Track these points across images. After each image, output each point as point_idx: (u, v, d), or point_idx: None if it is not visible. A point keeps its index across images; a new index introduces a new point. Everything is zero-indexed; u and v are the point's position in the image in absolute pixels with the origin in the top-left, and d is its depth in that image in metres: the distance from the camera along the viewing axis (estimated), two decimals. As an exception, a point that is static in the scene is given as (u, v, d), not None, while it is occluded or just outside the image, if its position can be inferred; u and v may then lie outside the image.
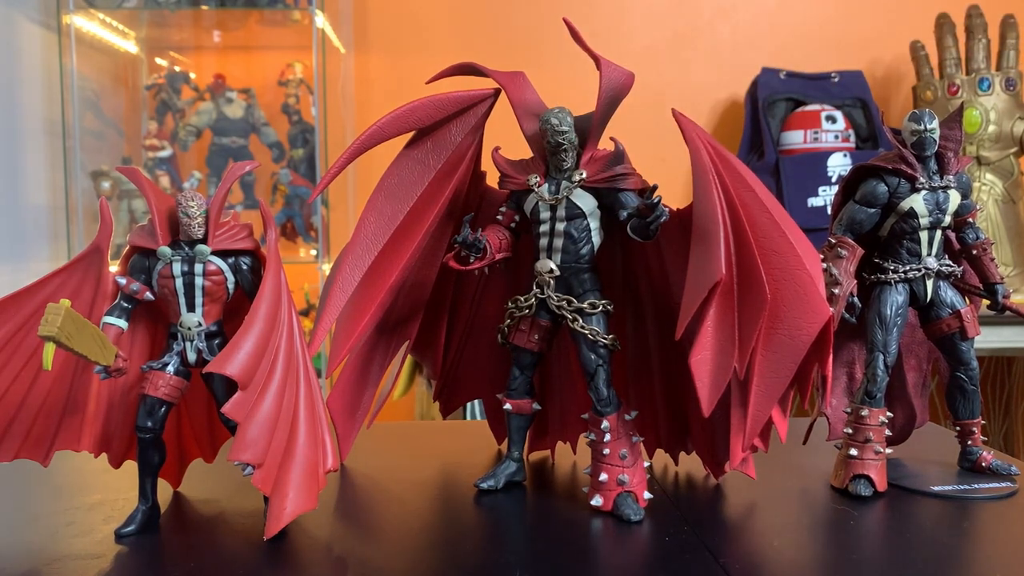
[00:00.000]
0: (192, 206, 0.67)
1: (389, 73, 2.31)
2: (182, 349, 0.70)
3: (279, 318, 0.67)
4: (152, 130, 2.19)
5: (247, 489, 0.76)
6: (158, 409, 0.70)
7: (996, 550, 0.67)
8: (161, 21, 2.26)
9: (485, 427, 0.95)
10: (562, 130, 0.72)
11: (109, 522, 0.71)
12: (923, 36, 2.04)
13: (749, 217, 0.67)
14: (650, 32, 2.24)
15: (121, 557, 0.64)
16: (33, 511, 0.75)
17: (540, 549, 0.66)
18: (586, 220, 0.75)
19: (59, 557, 0.64)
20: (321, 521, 0.72)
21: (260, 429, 0.63)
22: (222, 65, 2.28)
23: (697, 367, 0.66)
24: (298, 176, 2.19)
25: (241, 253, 0.71)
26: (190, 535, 0.69)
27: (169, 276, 0.69)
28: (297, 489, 0.66)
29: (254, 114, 2.21)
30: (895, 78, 2.23)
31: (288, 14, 2.15)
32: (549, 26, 2.18)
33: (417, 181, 0.78)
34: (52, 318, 0.59)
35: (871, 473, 0.77)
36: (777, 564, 0.64)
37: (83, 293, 0.70)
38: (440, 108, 0.77)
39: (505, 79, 0.77)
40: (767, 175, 1.98)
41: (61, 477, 0.83)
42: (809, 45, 2.21)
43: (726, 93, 2.25)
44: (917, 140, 0.77)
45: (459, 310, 0.89)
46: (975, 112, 1.91)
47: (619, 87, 0.72)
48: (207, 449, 0.82)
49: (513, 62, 0.82)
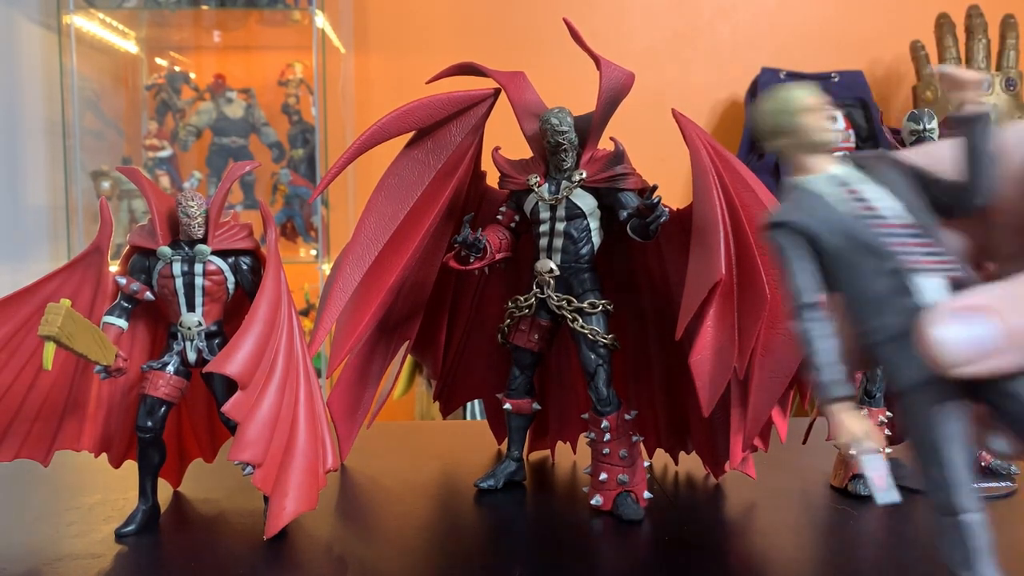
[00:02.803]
0: (192, 206, 0.67)
1: (389, 73, 2.31)
2: (182, 349, 0.70)
3: (279, 318, 0.67)
4: (152, 130, 2.19)
5: (247, 489, 0.76)
6: (158, 409, 0.70)
7: (996, 550, 0.67)
8: (161, 21, 2.27)
9: (485, 427, 0.95)
10: (562, 130, 0.72)
11: (109, 522, 0.71)
12: (923, 36, 2.04)
13: (749, 217, 0.67)
14: (650, 32, 2.24)
15: (121, 557, 0.64)
16: (33, 511, 0.75)
17: (540, 549, 0.66)
18: (586, 220, 0.75)
19: (59, 557, 0.64)
20: (321, 521, 0.72)
21: (260, 429, 0.63)
22: (222, 65, 2.28)
23: (697, 367, 0.66)
24: (298, 176, 2.19)
25: (241, 253, 0.71)
26: (190, 535, 0.69)
27: (169, 276, 0.69)
28: (297, 489, 0.66)
29: (254, 114, 2.22)
30: (895, 78, 2.23)
31: (288, 14, 2.16)
32: (549, 26, 2.18)
33: (417, 181, 0.78)
34: (52, 318, 0.59)
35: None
36: (777, 564, 0.64)
37: (83, 293, 0.70)
38: (440, 108, 0.77)
39: (505, 79, 0.77)
40: (767, 175, 1.98)
41: (61, 477, 0.83)
42: (809, 45, 2.21)
43: (726, 93, 2.25)
44: (916, 140, 0.77)
45: (459, 310, 0.89)
46: (975, 112, 1.91)
47: (619, 87, 0.72)
48: (207, 449, 0.82)
49: (513, 62, 0.82)
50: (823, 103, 0.36)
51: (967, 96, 0.34)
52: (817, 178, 0.36)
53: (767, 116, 0.37)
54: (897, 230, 0.35)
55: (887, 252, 0.34)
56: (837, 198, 0.36)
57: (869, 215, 0.35)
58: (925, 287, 0.34)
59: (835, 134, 0.37)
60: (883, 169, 0.37)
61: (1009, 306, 0.31)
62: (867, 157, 0.37)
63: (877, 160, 0.37)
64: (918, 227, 0.35)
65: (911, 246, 0.34)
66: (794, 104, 0.36)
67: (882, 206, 0.35)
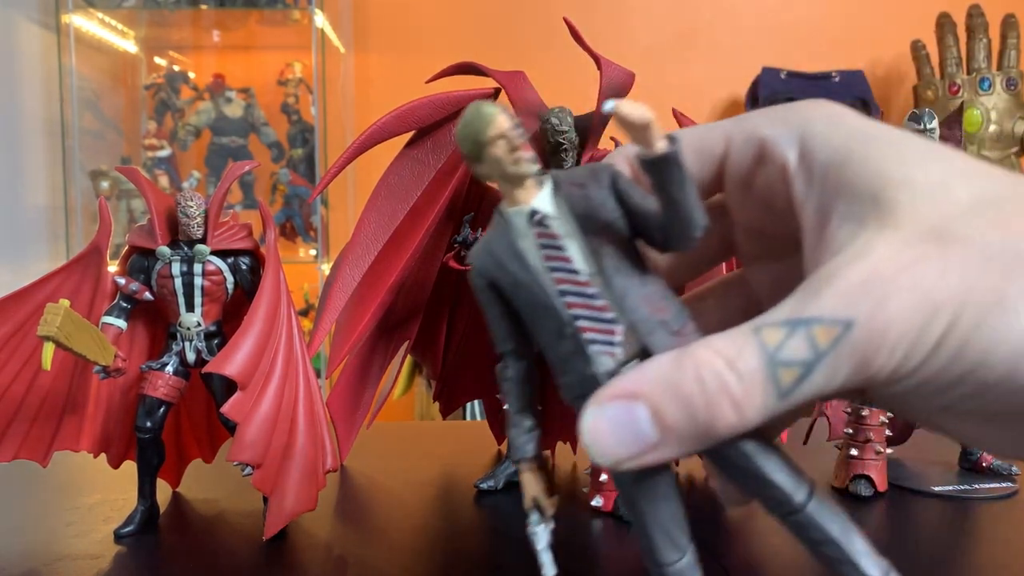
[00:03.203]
0: (191, 206, 0.67)
1: (389, 73, 2.31)
2: (181, 349, 0.70)
3: (278, 318, 0.67)
4: (151, 130, 2.19)
5: (246, 489, 0.76)
6: (157, 409, 0.69)
7: (996, 550, 0.67)
8: (160, 21, 2.26)
9: (485, 427, 0.95)
10: (562, 130, 0.72)
11: (108, 522, 0.70)
12: (924, 35, 2.04)
13: (749, 217, 0.67)
14: (651, 32, 2.24)
15: (120, 557, 0.64)
16: (32, 511, 0.75)
17: (540, 549, 0.66)
18: (586, 220, 0.75)
19: (58, 557, 0.64)
20: (321, 521, 0.72)
21: (259, 429, 0.63)
22: (221, 65, 2.28)
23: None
24: (297, 176, 2.19)
25: (240, 253, 0.71)
26: (189, 535, 0.69)
27: (168, 276, 0.68)
28: (297, 489, 0.65)
29: (253, 114, 2.21)
30: (896, 78, 2.23)
31: (288, 14, 2.15)
32: (549, 25, 2.18)
33: (417, 181, 0.78)
34: (51, 318, 0.59)
35: (871, 473, 0.77)
36: (777, 564, 0.63)
37: (82, 293, 0.69)
38: (440, 108, 0.77)
39: (505, 78, 0.77)
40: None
41: (60, 477, 0.83)
42: (810, 44, 2.21)
43: (727, 93, 2.25)
44: (918, 140, 0.77)
45: (459, 310, 0.89)
46: (976, 112, 1.91)
47: (620, 86, 0.72)
48: (206, 449, 0.82)
49: (513, 61, 0.82)
50: (510, 130, 0.30)
51: (639, 138, 0.28)
52: (516, 212, 0.31)
53: (458, 140, 0.32)
54: (577, 287, 0.30)
55: (566, 317, 0.30)
56: (527, 242, 0.31)
57: (556, 266, 0.31)
58: (597, 359, 0.30)
59: (528, 166, 0.31)
60: (593, 195, 0.31)
61: (661, 394, 0.26)
62: (582, 178, 0.32)
63: (592, 179, 0.31)
64: (600, 283, 0.30)
65: (587, 308, 0.30)
66: (476, 134, 0.31)
67: (572, 254, 0.31)
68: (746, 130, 0.31)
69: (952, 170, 0.27)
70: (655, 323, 0.30)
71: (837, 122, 0.29)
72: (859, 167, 0.27)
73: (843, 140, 0.28)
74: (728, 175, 0.33)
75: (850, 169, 0.27)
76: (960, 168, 0.27)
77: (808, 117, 0.30)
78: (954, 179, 0.26)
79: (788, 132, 0.30)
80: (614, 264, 0.31)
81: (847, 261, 0.25)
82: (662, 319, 0.31)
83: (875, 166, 0.27)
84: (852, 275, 0.25)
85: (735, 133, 0.32)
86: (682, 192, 0.29)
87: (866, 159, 0.27)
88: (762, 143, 0.31)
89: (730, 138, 0.32)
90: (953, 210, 0.25)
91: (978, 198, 0.26)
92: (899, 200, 0.26)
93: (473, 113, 0.30)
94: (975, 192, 0.26)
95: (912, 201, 0.26)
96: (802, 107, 0.30)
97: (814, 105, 0.30)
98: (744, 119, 0.32)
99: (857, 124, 0.29)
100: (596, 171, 0.32)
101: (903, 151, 0.28)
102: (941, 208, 0.25)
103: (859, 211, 0.26)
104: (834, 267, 0.26)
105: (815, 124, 0.29)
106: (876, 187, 0.26)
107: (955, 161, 0.27)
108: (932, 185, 0.26)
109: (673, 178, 0.28)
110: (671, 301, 0.31)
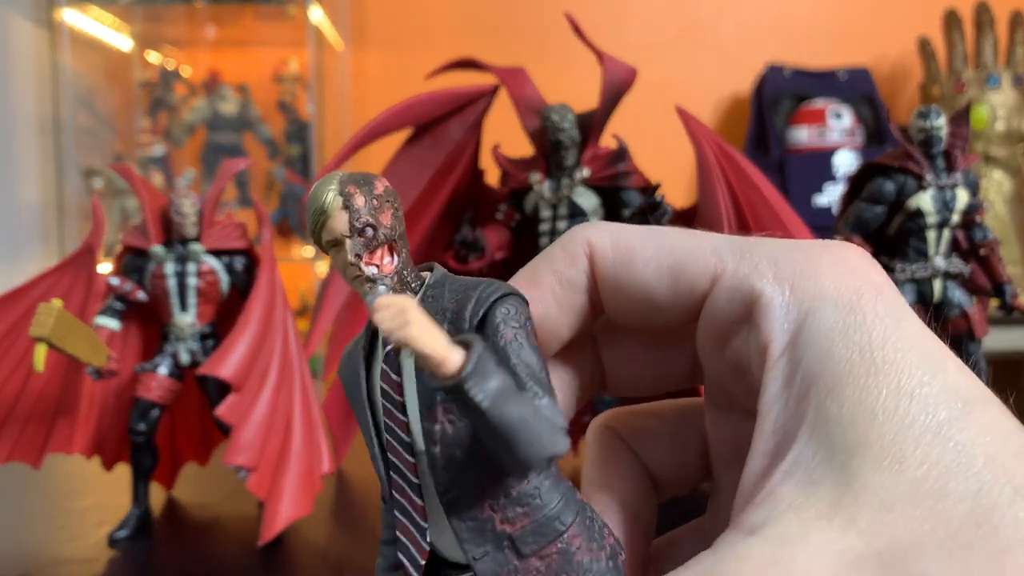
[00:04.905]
0: (185, 205, 0.66)
1: (387, 69, 2.30)
2: (175, 350, 0.69)
3: (274, 319, 0.66)
4: (146, 127, 2.18)
5: (241, 493, 0.75)
6: (150, 411, 0.69)
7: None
8: (155, 17, 2.25)
9: (484, 428, 0.94)
10: (563, 127, 0.71)
11: (102, 526, 0.69)
12: (930, 32, 2.03)
13: (755, 216, 0.66)
14: (653, 28, 2.23)
15: (114, 562, 0.63)
16: (25, 514, 0.74)
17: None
18: (588, 219, 0.74)
19: (51, 562, 0.63)
20: (317, 525, 0.71)
21: (255, 432, 0.62)
22: (217, 61, 2.26)
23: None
24: (293, 174, 2.18)
25: (235, 252, 0.70)
26: (184, 539, 0.68)
27: (162, 276, 0.67)
28: (292, 493, 0.64)
29: (249, 111, 2.20)
30: (902, 75, 2.22)
31: (283, 9, 2.13)
32: (551, 21, 2.17)
33: (416, 178, 0.77)
34: (44, 319, 0.58)
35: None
36: None
37: (75, 293, 0.69)
38: (439, 104, 0.76)
39: (506, 74, 0.76)
40: (772, 172, 1.96)
41: (53, 480, 0.82)
42: (814, 41, 2.20)
43: (731, 90, 2.24)
44: (924, 137, 0.76)
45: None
46: (983, 109, 1.89)
47: (621, 83, 0.71)
48: (201, 452, 0.81)
49: (514, 57, 0.81)
50: (345, 234, 0.24)
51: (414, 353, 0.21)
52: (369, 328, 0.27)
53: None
54: (403, 462, 0.26)
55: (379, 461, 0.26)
56: (376, 364, 0.26)
57: (391, 421, 0.26)
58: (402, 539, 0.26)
59: (364, 287, 0.25)
60: (451, 331, 0.24)
61: None
62: (455, 298, 0.25)
63: (463, 307, 0.24)
64: (429, 461, 0.25)
65: (404, 481, 0.26)
66: (313, 226, 0.25)
67: (408, 399, 0.25)
68: (739, 276, 0.26)
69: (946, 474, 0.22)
70: (489, 534, 0.24)
71: (846, 325, 0.24)
72: (842, 411, 0.23)
73: (842, 363, 0.23)
74: (704, 320, 0.27)
75: (833, 406, 0.23)
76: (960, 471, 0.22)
77: (817, 294, 0.25)
78: (944, 496, 0.21)
79: (786, 311, 0.25)
80: (464, 428, 0.24)
81: (769, 538, 0.22)
82: (505, 532, 0.24)
83: (861, 428, 0.22)
84: (764, 555, 0.21)
85: (726, 274, 0.26)
86: (493, 430, 0.21)
87: (857, 404, 0.23)
88: (753, 305, 0.25)
89: (718, 278, 0.26)
90: (917, 543, 0.21)
91: (964, 518, 0.21)
92: (864, 487, 0.21)
93: (311, 199, 0.25)
94: (960, 513, 0.21)
95: (877, 509, 0.21)
96: (816, 270, 0.25)
97: (830, 275, 0.25)
98: (743, 250, 0.27)
99: (873, 333, 0.24)
100: (472, 298, 0.24)
101: (897, 412, 0.23)
102: (902, 530, 0.21)
103: (817, 473, 0.22)
104: (753, 541, 0.22)
105: (820, 319, 0.24)
106: (848, 450, 0.22)
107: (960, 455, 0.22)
108: (905, 489, 0.21)
109: (472, 409, 0.20)
110: (550, 497, 0.24)
